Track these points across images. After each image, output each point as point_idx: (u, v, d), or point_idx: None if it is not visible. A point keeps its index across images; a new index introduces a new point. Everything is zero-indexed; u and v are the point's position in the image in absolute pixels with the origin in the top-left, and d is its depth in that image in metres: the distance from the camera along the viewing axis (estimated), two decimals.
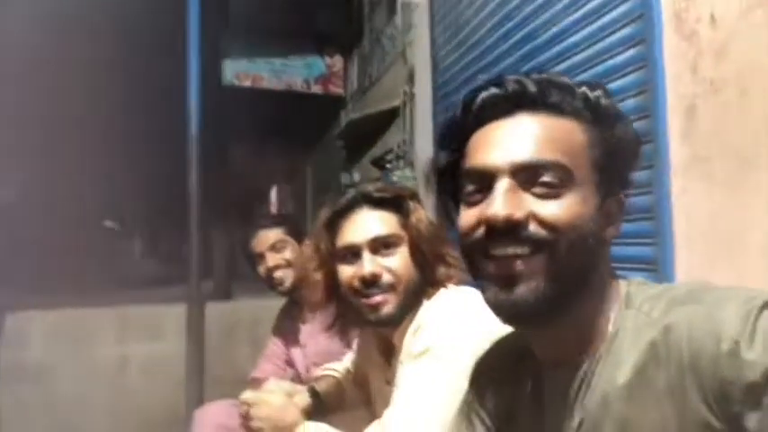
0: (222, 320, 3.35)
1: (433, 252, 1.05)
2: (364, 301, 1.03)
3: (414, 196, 1.10)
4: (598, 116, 0.65)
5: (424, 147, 3.52)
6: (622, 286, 0.66)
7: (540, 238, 0.60)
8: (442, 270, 1.06)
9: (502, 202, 0.60)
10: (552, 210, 0.60)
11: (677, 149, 1.59)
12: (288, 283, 1.84)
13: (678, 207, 1.58)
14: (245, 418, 1.12)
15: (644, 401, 0.57)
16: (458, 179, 0.69)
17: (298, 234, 1.91)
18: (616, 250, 0.69)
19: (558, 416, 0.65)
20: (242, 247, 1.96)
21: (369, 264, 1.02)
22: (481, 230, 0.62)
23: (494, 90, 0.66)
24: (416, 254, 1.05)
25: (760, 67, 1.37)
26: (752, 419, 0.50)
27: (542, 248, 0.60)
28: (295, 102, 5.93)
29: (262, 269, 1.86)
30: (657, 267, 1.60)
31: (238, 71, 5.54)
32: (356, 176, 5.14)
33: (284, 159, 7.52)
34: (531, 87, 0.65)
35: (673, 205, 1.59)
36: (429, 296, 1.07)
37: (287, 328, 2.01)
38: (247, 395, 1.15)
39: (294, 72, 5.62)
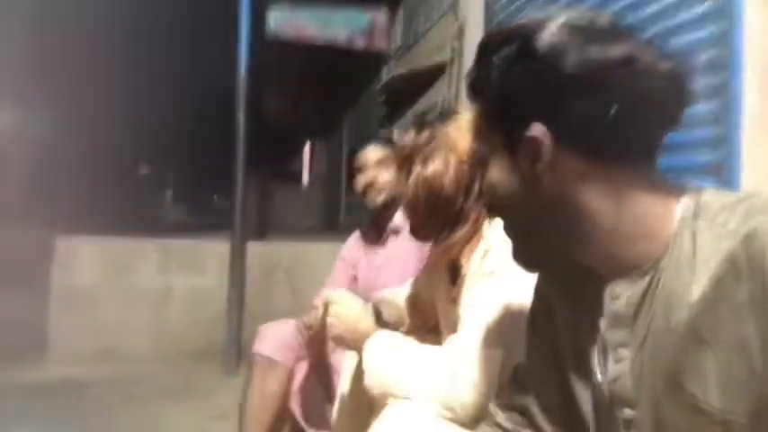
0: (262, 260, 3.42)
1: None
2: None
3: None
4: (488, 72, 0.65)
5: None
6: (686, 198, 0.62)
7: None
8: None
9: None
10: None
11: (753, 105, 1.55)
12: (378, 200, 1.89)
13: (748, 162, 1.55)
14: (323, 315, 1.16)
15: (722, 316, 0.55)
16: None
17: None
18: None
19: (620, 327, 0.64)
20: (349, 157, 2.05)
21: None
22: None
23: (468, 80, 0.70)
24: None
25: None
26: None
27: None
28: (336, 56, 5.88)
29: (359, 181, 1.93)
30: None
31: (282, 20, 5.50)
32: (396, 134, 5.12)
33: (321, 114, 7.49)
34: (469, 78, 0.69)
35: (743, 162, 1.56)
36: (492, 219, 1.10)
37: (361, 251, 2.04)
38: (331, 293, 1.18)
39: (338, 25, 5.55)
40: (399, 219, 1.87)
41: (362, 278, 1.97)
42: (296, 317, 1.93)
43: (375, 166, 1.89)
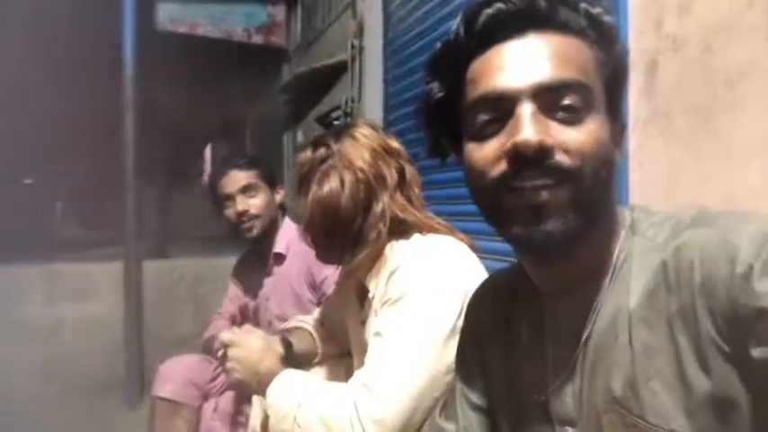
0: (161, 279, 3.20)
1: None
2: None
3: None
4: (602, 34, 0.61)
5: (374, 104, 3.45)
6: (626, 213, 0.65)
7: (566, 168, 0.56)
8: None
9: (531, 128, 0.56)
10: (577, 136, 0.57)
11: (636, 106, 1.61)
12: (256, 231, 1.75)
13: (635, 163, 1.62)
14: (222, 358, 1.09)
15: (655, 326, 0.56)
16: (454, 113, 0.64)
17: (270, 180, 1.82)
18: None
19: (562, 345, 0.64)
20: (210, 186, 1.83)
21: None
22: (502, 164, 0.57)
23: (500, 6, 0.59)
24: None
25: (723, 24, 1.40)
26: (757, 350, 0.49)
27: (567, 178, 0.56)
28: (233, 52, 5.64)
29: (230, 212, 1.76)
30: None
31: (173, 16, 5.19)
32: (300, 136, 4.99)
33: (221, 114, 7.17)
34: (541, 3, 0.59)
35: (629, 161, 1.62)
36: (396, 241, 1.07)
37: (247, 281, 1.92)
38: (226, 335, 1.09)
39: (234, 20, 5.33)
40: (281, 245, 1.78)
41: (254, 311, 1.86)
42: (199, 341, 1.80)
43: (241, 193, 1.75)
